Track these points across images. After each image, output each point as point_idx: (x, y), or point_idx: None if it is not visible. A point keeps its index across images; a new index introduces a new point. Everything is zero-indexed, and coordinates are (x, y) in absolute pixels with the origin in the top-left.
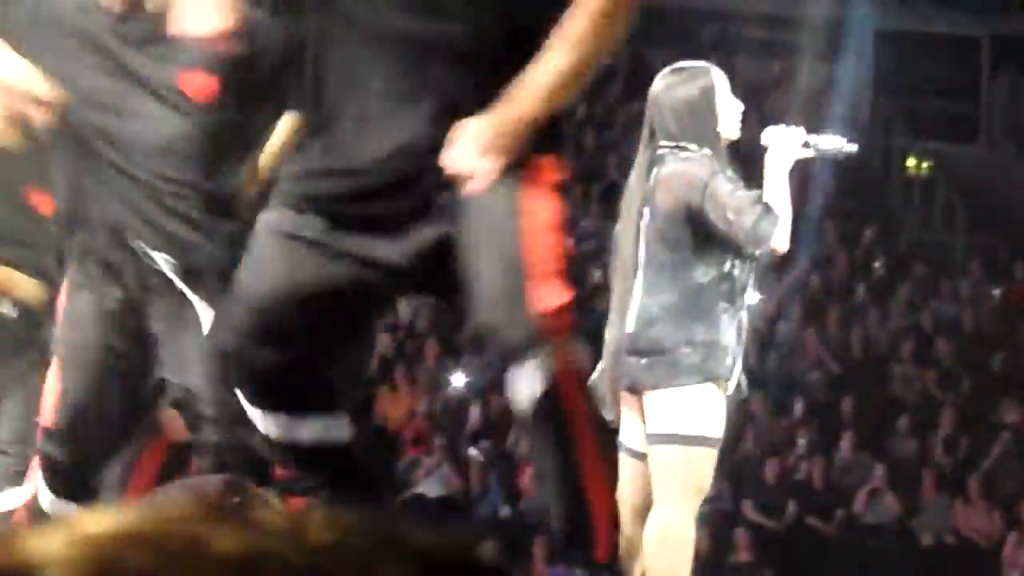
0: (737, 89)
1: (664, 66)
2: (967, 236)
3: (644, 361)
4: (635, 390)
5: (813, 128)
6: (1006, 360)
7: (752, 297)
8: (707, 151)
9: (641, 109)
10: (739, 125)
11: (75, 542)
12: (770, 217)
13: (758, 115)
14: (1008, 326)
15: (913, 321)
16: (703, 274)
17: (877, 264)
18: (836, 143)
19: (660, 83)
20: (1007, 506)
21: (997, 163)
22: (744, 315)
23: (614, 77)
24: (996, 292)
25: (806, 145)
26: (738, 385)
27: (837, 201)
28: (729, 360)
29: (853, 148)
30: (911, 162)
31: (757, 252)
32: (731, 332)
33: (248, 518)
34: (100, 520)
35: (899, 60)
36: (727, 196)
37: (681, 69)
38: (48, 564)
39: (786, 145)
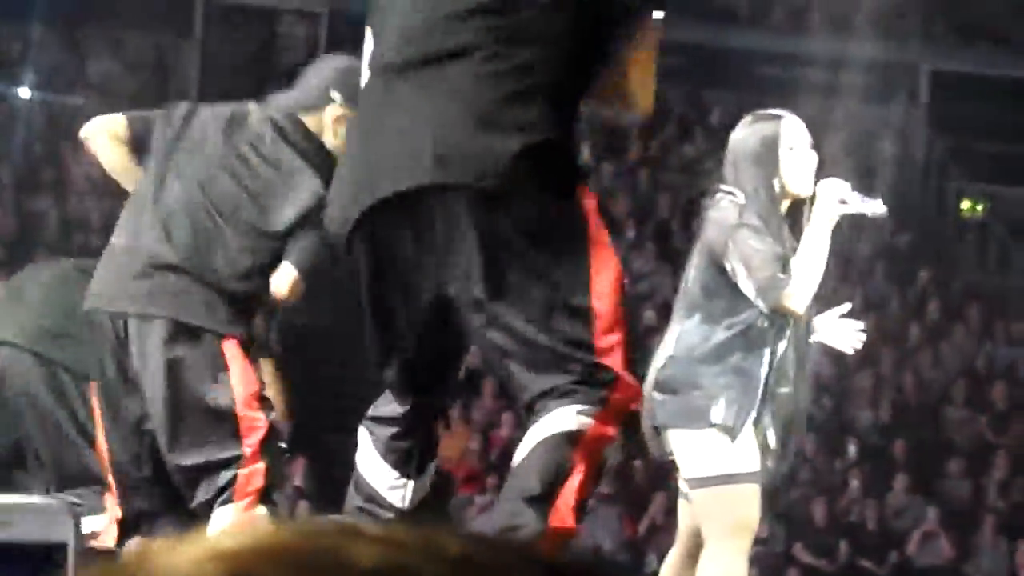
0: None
1: (719, 107)
2: (1022, 278)
3: (660, 398)
4: (652, 426)
5: (867, 173)
6: None
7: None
8: (741, 200)
9: (695, 149)
10: (810, 178)
11: (210, 557)
12: (784, 278)
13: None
14: None
15: (967, 364)
16: (727, 321)
17: (931, 306)
18: (871, 206)
19: (737, 127)
20: None
21: None
22: (764, 369)
23: (669, 117)
24: None
25: (843, 202)
26: (766, 442)
27: (891, 243)
28: (732, 412)
29: (884, 211)
30: (966, 204)
31: (765, 309)
32: (745, 382)
33: (382, 533)
34: (234, 535)
35: (955, 101)
36: (747, 248)
37: (755, 115)
38: None
39: (830, 200)
